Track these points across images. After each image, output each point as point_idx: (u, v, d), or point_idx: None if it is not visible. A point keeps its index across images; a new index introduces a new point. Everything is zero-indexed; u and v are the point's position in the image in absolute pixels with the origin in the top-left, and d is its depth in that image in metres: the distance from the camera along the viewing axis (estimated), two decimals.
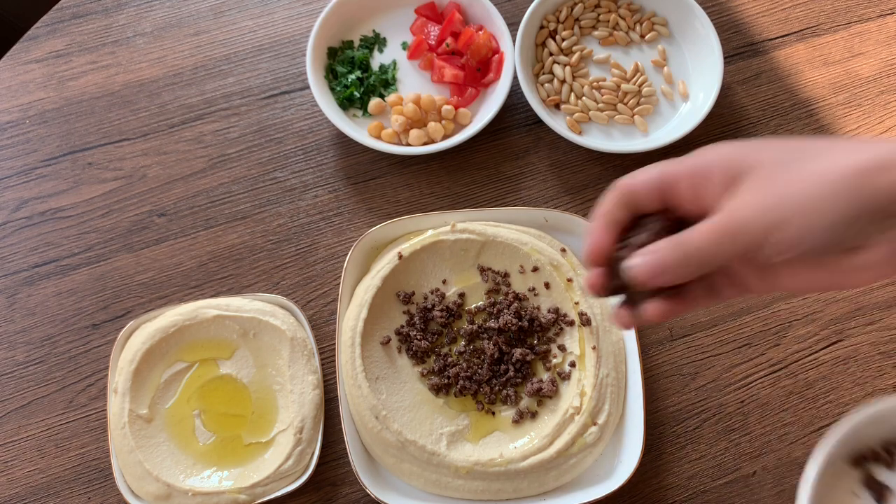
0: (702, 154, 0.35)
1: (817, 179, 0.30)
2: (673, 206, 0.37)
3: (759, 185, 0.31)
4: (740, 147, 0.34)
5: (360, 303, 0.68)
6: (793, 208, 0.31)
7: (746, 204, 0.32)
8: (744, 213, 0.32)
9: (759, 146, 0.33)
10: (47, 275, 0.74)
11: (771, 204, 0.31)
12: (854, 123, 0.80)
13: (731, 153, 0.34)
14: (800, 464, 0.68)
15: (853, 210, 0.30)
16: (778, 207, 0.31)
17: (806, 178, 0.30)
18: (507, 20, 0.79)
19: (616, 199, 0.38)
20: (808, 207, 0.31)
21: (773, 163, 0.31)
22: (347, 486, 0.67)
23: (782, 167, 0.31)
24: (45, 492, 0.67)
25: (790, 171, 0.31)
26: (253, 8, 0.85)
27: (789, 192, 0.31)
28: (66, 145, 0.79)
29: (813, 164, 0.31)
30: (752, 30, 0.84)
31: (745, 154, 0.33)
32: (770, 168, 0.31)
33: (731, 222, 0.33)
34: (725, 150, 0.34)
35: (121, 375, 0.67)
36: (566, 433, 0.64)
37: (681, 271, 0.34)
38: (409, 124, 0.76)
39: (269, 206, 0.77)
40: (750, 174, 0.32)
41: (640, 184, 0.37)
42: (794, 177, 0.31)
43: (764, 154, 0.32)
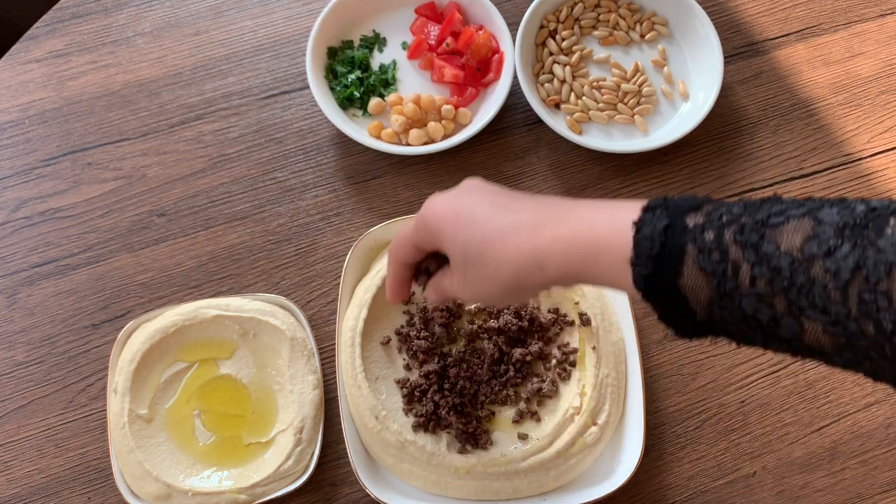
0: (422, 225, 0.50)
1: (494, 282, 0.46)
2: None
3: (462, 277, 0.48)
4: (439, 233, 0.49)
5: (360, 303, 0.68)
6: (483, 296, 0.48)
7: (459, 288, 0.50)
8: (459, 293, 0.50)
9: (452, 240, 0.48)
10: (47, 275, 0.74)
11: (472, 293, 0.49)
12: (854, 123, 0.80)
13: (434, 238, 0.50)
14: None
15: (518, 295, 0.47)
16: (476, 296, 0.49)
17: (486, 280, 0.46)
18: (507, 20, 0.79)
19: (396, 268, 0.55)
20: (492, 295, 0.47)
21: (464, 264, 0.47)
22: (347, 486, 0.67)
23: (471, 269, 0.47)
24: (44, 492, 0.67)
25: (468, 270, 0.47)
26: (253, 8, 0.85)
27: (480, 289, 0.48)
28: (66, 145, 0.79)
29: (489, 269, 0.46)
30: (752, 30, 0.84)
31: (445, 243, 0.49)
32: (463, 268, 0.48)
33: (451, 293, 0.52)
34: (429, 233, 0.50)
35: (121, 375, 0.66)
36: (566, 433, 0.64)
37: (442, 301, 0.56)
38: (409, 124, 0.76)
39: (269, 206, 0.77)
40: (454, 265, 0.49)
41: (403, 253, 0.53)
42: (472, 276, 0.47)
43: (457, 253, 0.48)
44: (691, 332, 0.40)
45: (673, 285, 0.38)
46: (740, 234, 0.36)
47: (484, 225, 0.46)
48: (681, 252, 0.37)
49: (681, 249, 0.37)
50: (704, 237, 0.37)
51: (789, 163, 0.78)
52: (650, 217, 0.39)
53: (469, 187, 0.50)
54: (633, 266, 0.39)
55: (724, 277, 0.36)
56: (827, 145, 0.79)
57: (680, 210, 0.38)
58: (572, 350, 0.68)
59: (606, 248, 0.40)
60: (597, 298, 0.69)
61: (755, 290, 0.35)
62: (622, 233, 0.40)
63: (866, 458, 0.68)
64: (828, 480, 0.67)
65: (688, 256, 0.37)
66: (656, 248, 0.38)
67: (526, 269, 0.44)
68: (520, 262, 0.44)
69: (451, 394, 0.66)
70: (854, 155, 0.79)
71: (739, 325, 0.37)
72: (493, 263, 0.45)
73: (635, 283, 0.39)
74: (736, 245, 0.36)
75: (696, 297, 0.37)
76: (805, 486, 0.67)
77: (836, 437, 0.69)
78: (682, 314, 0.39)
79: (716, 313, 0.37)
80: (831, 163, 0.78)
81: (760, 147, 0.79)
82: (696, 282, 0.37)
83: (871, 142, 0.79)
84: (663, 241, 0.38)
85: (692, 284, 0.37)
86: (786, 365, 0.71)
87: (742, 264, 0.36)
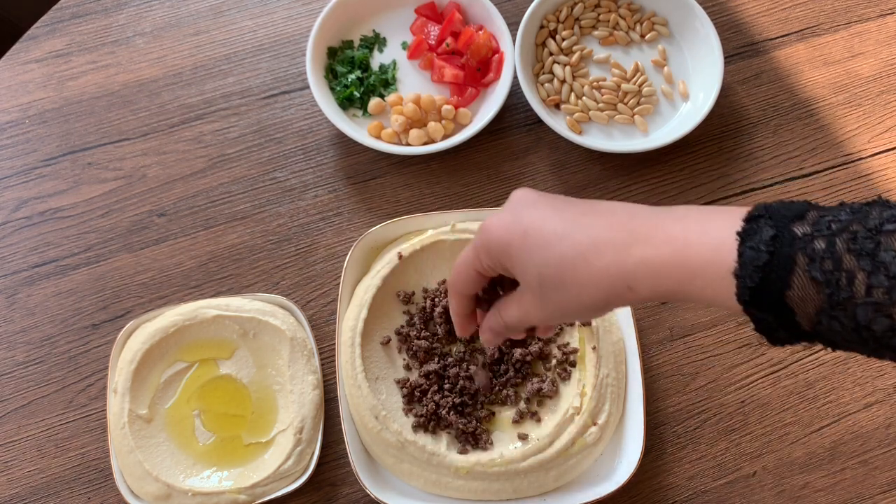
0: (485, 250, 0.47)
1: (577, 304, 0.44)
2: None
3: (538, 301, 0.45)
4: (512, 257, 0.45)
5: (360, 303, 0.68)
6: (564, 319, 0.49)
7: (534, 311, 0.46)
8: (533, 316, 0.47)
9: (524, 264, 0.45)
10: (47, 275, 0.74)
11: (550, 316, 0.46)
12: (854, 123, 0.80)
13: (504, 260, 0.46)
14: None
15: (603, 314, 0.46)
16: (554, 319, 0.47)
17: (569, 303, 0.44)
18: (507, 20, 0.79)
19: (460, 300, 0.51)
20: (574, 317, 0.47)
21: (541, 288, 0.44)
22: (347, 486, 0.67)
23: (550, 292, 0.44)
24: (45, 492, 0.67)
25: (557, 296, 0.44)
26: (253, 8, 0.85)
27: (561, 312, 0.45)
28: (66, 145, 0.79)
29: (571, 293, 0.43)
30: (752, 30, 0.84)
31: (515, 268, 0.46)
32: (540, 292, 0.45)
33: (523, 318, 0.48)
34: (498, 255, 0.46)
35: (121, 375, 0.66)
36: (566, 433, 0.64)
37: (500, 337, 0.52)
38: (409, 124, 0.76)
39: (269, 206, 0.77)
40: (520, 280, 0.46)
41: (466, 284, 0.49)
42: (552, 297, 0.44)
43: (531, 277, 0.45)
44: (788, 341, 0.39)
45: (780, 297, 0.37)
46: (853, 243, 0.35)
47: (559, 245, 0.43)
48: (790, 262, 0.36)
49: (790, 260, 0.36)
50: (814, 246, 0.36)
51: (789, 163, 0.78)
52: (754, 227, 0.38)
53: (525, 201, 0.46)
54: (738, 278, 0.37)
55: (837, 287, 0.35)
56: (827, 145, 0.79)
57: (785, 219, 0.37)
58: (572, 350, 0.68)
59: (703, 266, 0.39)
60: None
61: (872, 300, 0.35)
62: (719, 248, 0.39)
63: (866, 458, 0.68)
64: (828, 480, 0.67)
65: (797, 267, 0.36)
66: (763, 259, 0.37)
67: (615, 291, 0.42)
68: (608, 284, 0.42)
69: (451, 394, 0.66)
70: (854, 155, 0.79)
71: (849, 334, 0.36)
72: (577, 287, 0.43)
73: (739, 296, 0.38)
74: (849, 254, 0.35)
75: (804, 308, 0.36)
76: (805, 486, 0.67)
77: (836, 437, 0.69)
78: (785, 325, 0.38)
79: (823, 324, 0.36)
80: (831, 163, 0.78)
81: (760, 147, 0.79)
82: (806, 292, 0.36)
83: (871, 142, 0.79)
84: (771, 251, 0.37)
85: (801, 295, 0.36)
86: (786, 365, 0.71)
87: (857, 273, 0.35)
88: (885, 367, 0.71)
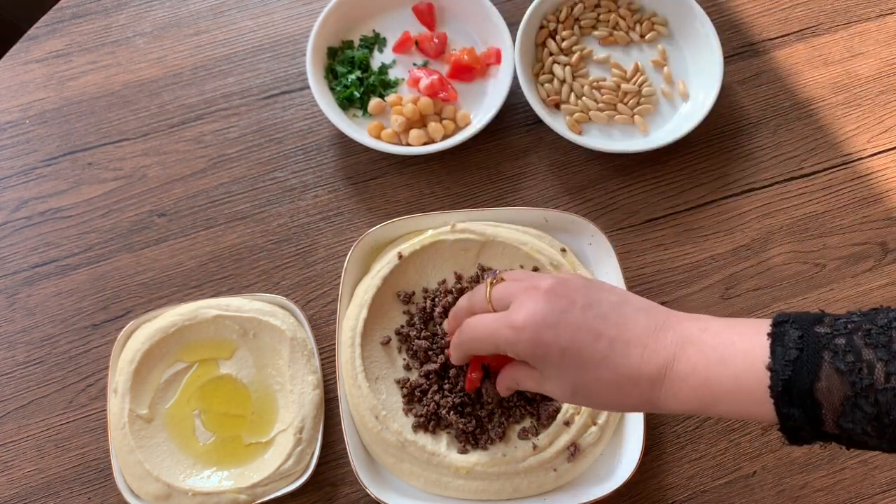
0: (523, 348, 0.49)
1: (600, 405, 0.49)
2: None
3: (564, 397, 0.49)
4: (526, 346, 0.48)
5: (360, 303, 0.68)
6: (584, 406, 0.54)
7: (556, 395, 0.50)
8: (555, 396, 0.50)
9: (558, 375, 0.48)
10: (47, 275, 0.74)
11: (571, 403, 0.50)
12: (854, 123, 0.80)
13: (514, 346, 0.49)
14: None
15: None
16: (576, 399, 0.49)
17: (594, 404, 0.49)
18: (507, 20, 0.79)
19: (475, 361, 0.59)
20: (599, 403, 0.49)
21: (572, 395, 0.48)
22: (347, 486, 0.67)
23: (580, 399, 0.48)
24: (45, 492, 0.67)
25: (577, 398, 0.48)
26: (253, 8, 0.85)
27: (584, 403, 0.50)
28: (66, 145, 0.79)
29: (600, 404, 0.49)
30: (752, 30, 0.84)
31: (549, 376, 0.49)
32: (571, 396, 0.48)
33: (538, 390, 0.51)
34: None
35: (121, 375, 0.67)
36: (566, 433, 0.64)
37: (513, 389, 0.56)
38: (408, 124, 0.76)
39: (269, 206, 0.77)
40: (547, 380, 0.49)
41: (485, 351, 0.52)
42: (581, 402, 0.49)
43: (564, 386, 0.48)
44: (809, 440, 0.43)
45: (809, 389, 0.40)
46: (869, 338, 0.40)
47: (595, 371, 0.46)
48: (818, 357, 0.40)
49: (818, 355, 0.40)
50: (836, 342, 0.40)
51: (789, 163, 0.78)
52: (782, 331, 0.42)
53: (562, 304, 0.47)
54: (772, 372, 0.41)
55: (860, 376, 0.39)
56: (827, 145, 0.79)
57: (807, 322, 0.42)
58: None
59: (732, 390, 0.43)
60: None
61: (891, 386, 0.39)
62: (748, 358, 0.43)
63: (866, 457, 0.68)
64: (828, 480, 0.67)
65: (824, 361, 0.40)
66: (794, 355, 0.41)
67: (642, 408, 0.48)
68: (638, 407, 0.48)
69: (451, 394, 0.66)
70: (854, 155, 0.79)
71: (871, 423, 0.40)
72: (607, 405, 0.49)
73: (773, 390, 0.41)
74: (867, 347, 0.40)
75: (830, 399, 0.40)
76: (805, 486, 0.67)
77: None
78: (810, 421, 0.41)
79: (847, 415, 0.40)
80: (831, 163, 0.78)
81: (760, 147, 0.79)
82: (833, 383, 0.40)
83: (871, 142, 0.79)
84: (801, 348, 0.41)
85: (828, 386, 0.40)
86: None
87: (876, 363, 0.39)
88: None
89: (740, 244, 0.75)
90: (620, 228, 0.76)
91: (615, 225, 0.76)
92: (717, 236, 0.75)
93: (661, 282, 0.74)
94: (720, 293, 0.73)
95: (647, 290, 0.73)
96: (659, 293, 0.73)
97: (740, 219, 0.76)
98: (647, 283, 0.74)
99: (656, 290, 0.73)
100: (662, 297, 0.73)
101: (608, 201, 0.77)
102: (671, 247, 0.75)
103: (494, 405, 0.66)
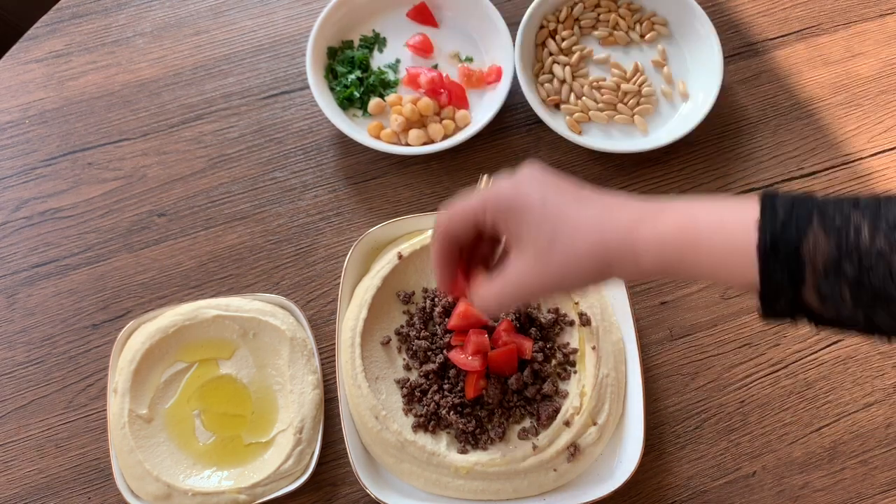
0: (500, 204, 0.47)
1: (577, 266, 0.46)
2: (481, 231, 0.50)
3: (534, 261, 0.46)
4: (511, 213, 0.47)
5: (360, 303, 0.68)
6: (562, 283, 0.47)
7: (534, 274, 0.47)
8: (530, 280, 0.47)
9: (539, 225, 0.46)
10: (47, 275, 0.74)
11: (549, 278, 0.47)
12: (854, 123, 0.80)
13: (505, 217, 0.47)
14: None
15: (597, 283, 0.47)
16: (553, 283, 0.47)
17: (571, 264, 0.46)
18: (507, 20, 0.79)
19: (449, 248, 0.51)
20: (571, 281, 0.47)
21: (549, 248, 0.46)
22: (347, 486, 0.67)
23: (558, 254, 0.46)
24: (45, 492, 0.67)
25: (554, 251, 0.46)
26: (253, 8, 0.85)
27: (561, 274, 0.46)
28: (66, 145, 0.79)
29: (567, 245, 0.46)
30: (752, 30, 0.84)
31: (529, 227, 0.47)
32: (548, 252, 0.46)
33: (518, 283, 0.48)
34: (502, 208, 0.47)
35: (121, 375, 0.67)
36: (566, 433, 0.64)
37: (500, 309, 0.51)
38: (408, 124, 0.76)
39: (269, 206, 0.77)
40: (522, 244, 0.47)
41: (457, 229, 0.49)
42: (557, 258, 0.46)
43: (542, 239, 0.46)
44: (784, 313, 0.42)
45: (796, 249, 0.40)
46: (857, 205, 0.40)
47: (576, 218, 0.46)
48: (807, 218, 0.40)
49: (807, 216, 0.40)
50: (826, 207, 0.41)
51: (789, 163, 0.78)
52: (774, 194, 0.42)
53: (540, 178, 0.48)
54: (761, 228, 0.41)
55: (846, 236, 0.39)
56: (827, 145, 0.79)
57: (798, 195, 0.42)
58: (572, 350, 0.68)
59: (711, 234, 0.43)
60: (597, 298, 0.69)
61: (875, 247, 0.39)
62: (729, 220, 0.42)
63: (866, 458, 0.68)
64: (828, 480, 0.67)
65: (812, 223, 0.40)
66: (783, 215, 0.41)
67: (619, 256, 0.45)
68: (615, 252, 0.45)
69: (451, 394, 0.66)
70: (854, 155, 0.79)
71: (850, 286, 0.39)
72: (585, 253, 0.46)
73: (760, 245, 0.41)
74: (855, 209, 0.40)
75: (814, 259, 0.40)
76: (805, 486, 0.67)
77: (836, 437, 0.69)
78: (792, 282, 0.41)
79: (829, 275, 0.40)
80: (831, 163, 0.78)
81: (760, 147, 0.79)
82: (819, 242, 0.40)
83: (871, 142, 0.79)
84: (790, 209, 0.41)
85: (814, 245, 0.40)
86: (785, 365, 0.71)
87: (863, 224, 0.39)
88: (885, 366, 0.71)
89: None
90: None
91: None
92: None
93: (661, 281, 0.74)
94: (720, 293, 0.73)
95: (647, 290, 0.73)
96: (659, 293, 0.73)
97: None
98: (647, 283, 0.74)
99: (656, 291, 0.73)
100: (662, 297, 0.73)
101: None
102: None
103: (494, 405, 0.66)
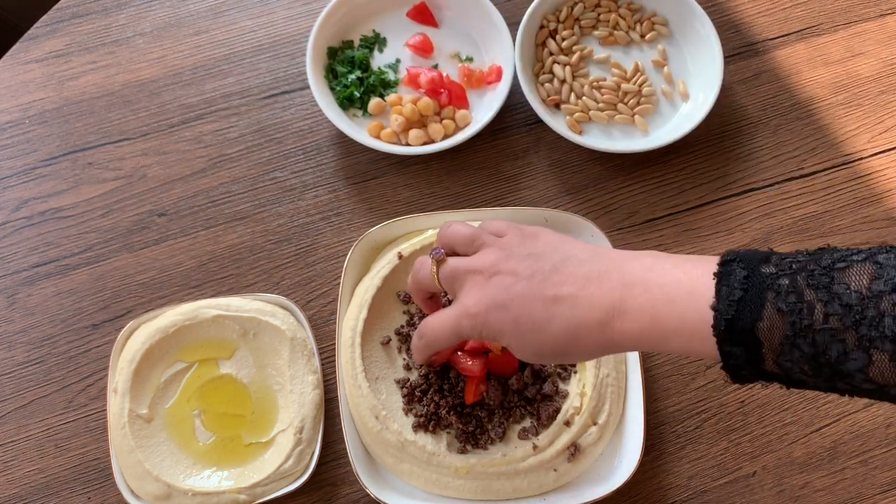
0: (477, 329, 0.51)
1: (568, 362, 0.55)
2: None
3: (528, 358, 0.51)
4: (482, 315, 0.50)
5: (360, 303, 0.68)
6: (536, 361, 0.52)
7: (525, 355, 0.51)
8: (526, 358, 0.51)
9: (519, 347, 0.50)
10: (47, 275, 0.74)
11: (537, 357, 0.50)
12: (854, 123, 0.80)
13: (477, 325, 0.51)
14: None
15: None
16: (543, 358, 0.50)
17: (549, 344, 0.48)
18: (507, 20, 0.79)
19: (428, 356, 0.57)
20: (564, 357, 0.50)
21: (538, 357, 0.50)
22: (347, 486, 0.67)
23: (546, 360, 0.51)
24: (44, 492, 0.67)
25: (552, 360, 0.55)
26: (253, 8, 0.85)
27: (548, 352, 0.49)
28: (66, 145, 0.79)
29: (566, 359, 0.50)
30: (752, 30, 0.84)
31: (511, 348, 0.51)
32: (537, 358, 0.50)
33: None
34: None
35: (121, 375, 0.67)
36: (566, 433, 0.64)
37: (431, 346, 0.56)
38: (408, 124, 0.76)
39: (269, 206, 0.77)
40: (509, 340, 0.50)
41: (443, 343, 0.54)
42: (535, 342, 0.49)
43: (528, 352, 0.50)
44: (750, 379, 0.43)
45: (751, 329, 0.41)
46: (811, 279, 0.40)
47: (549, 330, 0.48)
48: (762, 298, 0.41)
49: (762, 295, 0.41)
50: (780, 283, 0.41)
51: (789, 163, 0.78)
52: (728, 270, 0.43)
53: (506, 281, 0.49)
54: (716, 312, 0.42)
55: (800, 316, 0.40)
56: (827, 145, 0.79)
57: (754, 261, 0.43)
58: None
59: (678, 328, 0.44)
60: None
61: (828, 326, 0.39)
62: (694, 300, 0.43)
63: (866, 458, 0.68)
64: (828, 480, 0.67)
65: (768, 301, 0.41)
66: (738, 295, 0.41)
67: (603, 353, 0.49)
68: (598, 351, 0.49)
69: (451, 394, 0.66)
70: (854, 155, 0.79)
71: (808, 362, 0.40)
72: (573, 356, 0.49)
73: (716, 328, 0.42)
74: (809, 288, 0.40)
75: (770, 338, 0.41)
76: (805, 486, 0.67)
77: (836, 437, 0.69)
78: (751, 360, 0.42)
79: (786, 354, 0.41)
80: (831, 163, 0.78)
81: (760, 147, 0.79)
82: (774, 323, 0.41)
83: (871, 142, 0.79)
84: (745, 288, 0.41)
85: (769, 326, 0.41)
86: None
87: (816, 304, 0.40)
88: None
89: (740, 244, 0.75)
90: (620, 228, 0.76)
91: (615, 225, 0.76)
92: (717, 236, 0.75)
93: None
94: None
95: None
96: None
97: (740, 219, 0.76)
98: None
99: None
100: None
101: (608, 201, 0.77)
102: (671, 247, 0.75)
103: (495, 406, 0.66)
